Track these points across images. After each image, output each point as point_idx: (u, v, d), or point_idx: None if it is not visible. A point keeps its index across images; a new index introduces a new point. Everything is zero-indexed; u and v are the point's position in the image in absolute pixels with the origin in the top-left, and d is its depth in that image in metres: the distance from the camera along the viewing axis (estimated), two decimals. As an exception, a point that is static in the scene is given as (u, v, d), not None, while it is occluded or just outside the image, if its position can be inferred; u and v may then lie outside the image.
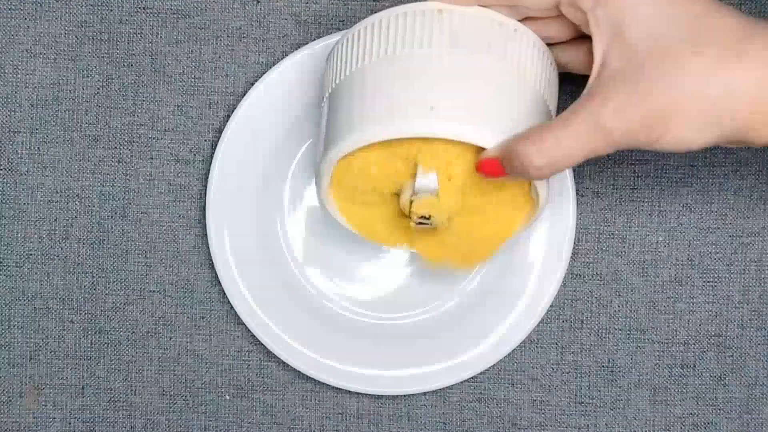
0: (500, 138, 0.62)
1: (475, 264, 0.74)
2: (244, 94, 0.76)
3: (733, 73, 0.59)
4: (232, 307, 0.77)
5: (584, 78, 0.64)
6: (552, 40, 0.67)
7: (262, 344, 0.77)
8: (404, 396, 0.77)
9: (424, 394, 0.77)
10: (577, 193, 0.76)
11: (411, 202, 0.66)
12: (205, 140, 0.77)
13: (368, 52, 0.65)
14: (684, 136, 0.60)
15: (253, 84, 0.76)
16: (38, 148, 0.76)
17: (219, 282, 0.76)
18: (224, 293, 0.77)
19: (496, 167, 0.62)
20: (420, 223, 0.67)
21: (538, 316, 0.75)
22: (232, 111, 0.76)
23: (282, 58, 0.75)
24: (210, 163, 0.76)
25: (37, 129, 0.76)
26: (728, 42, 0.59)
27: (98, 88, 0.76)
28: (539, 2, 0.64)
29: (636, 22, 0.60)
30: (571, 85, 0.72)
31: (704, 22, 0.60)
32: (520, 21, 0.66)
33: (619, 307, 0.77)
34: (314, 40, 0.75)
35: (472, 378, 0.77)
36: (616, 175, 0.76)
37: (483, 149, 0.63)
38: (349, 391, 0.77)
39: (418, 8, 0.64)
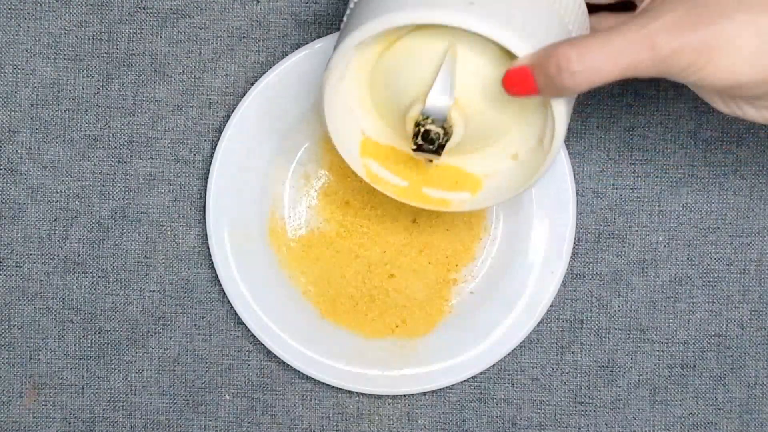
0: (534, 45, 0.59)
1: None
2: (244, 94, 0.76)
3: None
4: (232, 307, 0.77)
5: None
6: None
7: (262, 344, 0.77)
8: (404, 396, 0.77)
9: (424, 394, 0.77)
10: (577, 193, 0.76)
11: (417, 123, 0.63)
12: (205, 140, 0.77)
13: None
14: (729, 68, 0.57)
15: (253, 84, 0.76)
16: (38, 148, 0.76)
17: (219, 282, 0.76)
18: (224, 293, 0.77)
19: (527, 80, 0.59)
20: (419, 148, 0.63)
21: (538, 316, 0.75)
22: (232, 111, 0.76)
23: (282, 58, 0.75)
24: (210, 163, 0.76)
25: (37, 129, 0.76)
26: None
27: (98, 88, 0.76)
28: None
29: None
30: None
31: None
32: None
33: (619, 307, 0.77)
34: (314, 40, 0.75)
35: (472, 378, 0.77)
36: (616, 175, 0.76)
37: (509, 71, 0.60)
38: (349, 391, 0.77)
39: None
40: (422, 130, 0.63)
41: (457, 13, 0.59)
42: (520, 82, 0.59)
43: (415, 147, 0.63)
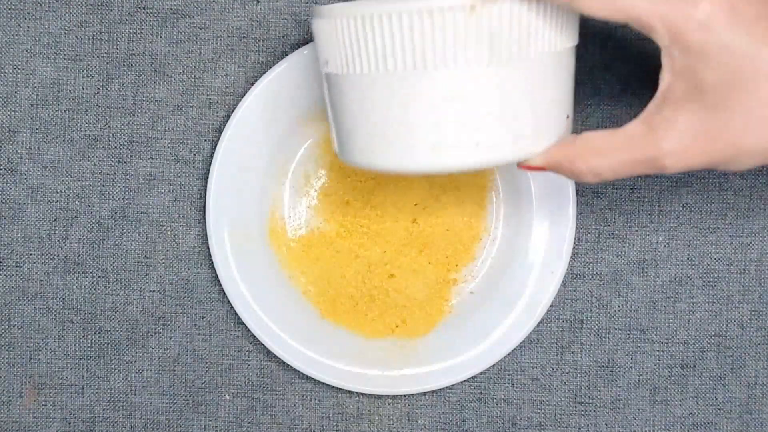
0: (542, 147, 0.61)
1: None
2: (244, 94, 0.76)
3: None
4: (232, 307, 0.77)
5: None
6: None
7: (262, 344, 0.77)
8: (404, 396, 0.77)
9: (424, 394, 0.77)
10: (577, 193, 0.76)
11: None
12: (205, 140, 0.77)
13: (389, 56, 0.57)
14: (739, 169, 0.59)
15: (253, 84, 0.76)
16: (38, 148, 0.76)
17: (219, 282, 0.77)
18: (224, 293, 0.77)
19: (540, 169, 0.62)
20: None
21: (538, 316, 0.75)
22: (232, 111, 0.76)
23: (282, 58, 0.75)
24: (210, 163, 0.76)
25: (37, 129, 0.76)
26: None
27: (98, 88, 0.76)
28: (603, 16, 0.58)
29: (713, 70, 0.57)
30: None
31: None
32: None
33: (619, 307, 0.77)
34: (314, 40, 0.75)
35: (472, 378, 0.77)
36: (616, 175, 0.76)
37: None
38: (349, 391, 0.77)
39: (446, 4, 0.55)
40: None
41: (466, 158, 0.58)
42: (535, 170, 0.62)
43: None
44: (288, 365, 0.77)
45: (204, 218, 0.77)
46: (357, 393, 0.77)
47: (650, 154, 0.58)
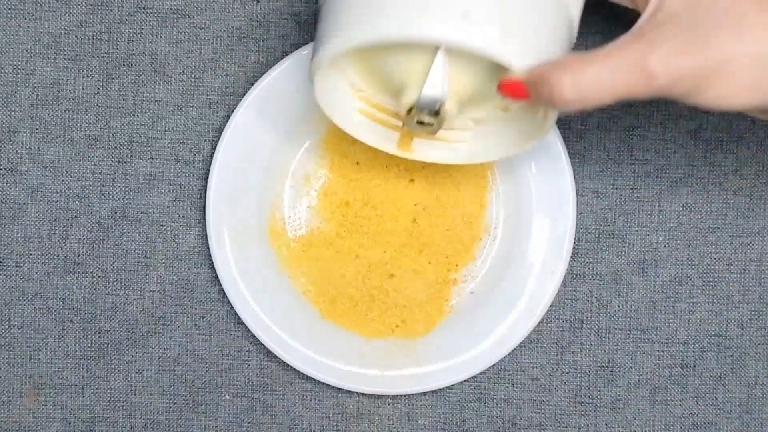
0: (530, 60, 0.58)
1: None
2: (244, 94, 0.76)
3: None
4: (232, 307, 0.77)
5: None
6: None
7: (262, 344, 0.77)
8: (404, 396, 0.77)
9: (424, 394, 0.77)
10: (577, 193, 0.76)
11: (410, 109, 0.63)
12: (205, 140, 0.77)
13: None
14: (728, 95, 0.57)
15: (253, 84, 0.76)
16: (38, 148, 0.76)
17: (219, 282, 0.76)
18: (224, 293, 0.77)
19: (520, 90, 0.59)
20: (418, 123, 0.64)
21: (538, 316, 0.75)
22: (232, 111, 0.76)
23: (282, 58, 0.75)
24: (210, 163, 0.76)
25: (37, 129, 0.76)
26: None
27: (98, 88, 0.76)
28: None
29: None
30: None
31: None
32: None
33: (619, 307, 0.77)
34: (314, 40, 0.75)
35: (472, 378, 0.77)
36: (616, 175, 0.76)
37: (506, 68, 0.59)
38: (349, 391, 0.77)
39: None
40: (416, 118, 0.64)
41: (450, 29, 0.57)
42: (514, 92, 0.59)
43: (407, 127, 0.65)
44: (288, 365, 0.77)
45: (204, 218, 0.77)
46: (357, 393, 0.77)
47: (639, 58, 0.56)
